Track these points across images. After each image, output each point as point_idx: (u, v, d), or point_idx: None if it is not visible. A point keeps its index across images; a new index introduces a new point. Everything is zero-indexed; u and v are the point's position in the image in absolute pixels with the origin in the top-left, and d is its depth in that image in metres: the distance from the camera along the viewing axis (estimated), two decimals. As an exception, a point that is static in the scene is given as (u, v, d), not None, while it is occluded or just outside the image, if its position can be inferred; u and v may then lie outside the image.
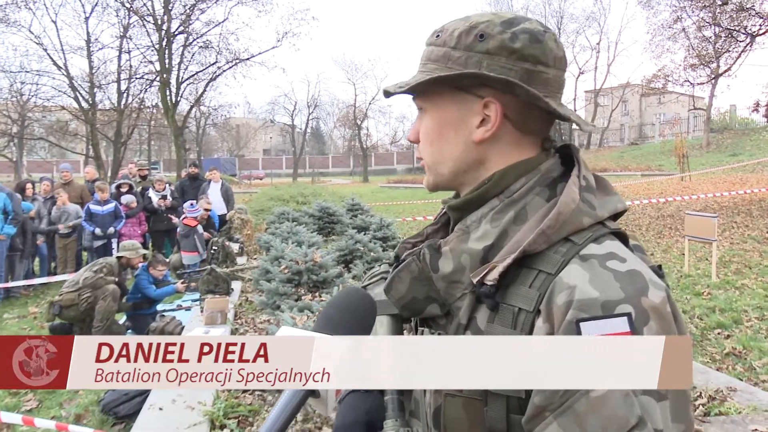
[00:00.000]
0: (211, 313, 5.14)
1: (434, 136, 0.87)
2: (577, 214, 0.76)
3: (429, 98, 0.86)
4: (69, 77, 24.22)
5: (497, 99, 0.81)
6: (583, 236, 0.76)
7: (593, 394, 0.64)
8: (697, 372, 4.02)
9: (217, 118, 34.24)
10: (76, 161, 36.33)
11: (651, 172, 25.22)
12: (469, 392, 0.76)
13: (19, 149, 33.42)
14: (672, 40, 24.63)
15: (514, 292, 0.75)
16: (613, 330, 0.66)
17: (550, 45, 0.82)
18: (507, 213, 0.81)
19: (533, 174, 0.83)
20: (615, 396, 0.64)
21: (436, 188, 0.92)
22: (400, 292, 0.85)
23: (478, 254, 0.79)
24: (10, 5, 22.46)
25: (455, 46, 0.82)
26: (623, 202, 0.84)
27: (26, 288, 8.63)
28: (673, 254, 8.96)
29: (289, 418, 0.70)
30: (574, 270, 0.72)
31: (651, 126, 44.58)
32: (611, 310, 0.67)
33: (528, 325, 0.73)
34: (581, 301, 0.68)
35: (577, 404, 0.65)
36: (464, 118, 0.84)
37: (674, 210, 13.14)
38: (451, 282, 0.81)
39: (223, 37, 25.32)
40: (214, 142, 58.68)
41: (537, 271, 0.74)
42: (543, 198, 0.81)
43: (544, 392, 0.67)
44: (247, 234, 9.86)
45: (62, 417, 4.24)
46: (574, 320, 0.67)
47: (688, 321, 5.63)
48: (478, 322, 0.78)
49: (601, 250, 0.74)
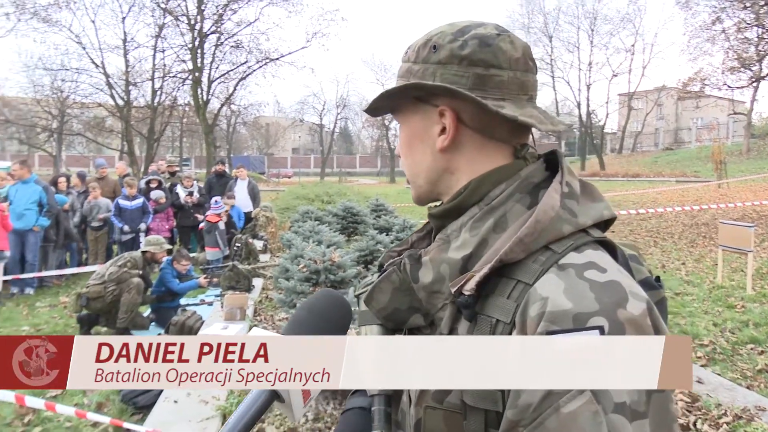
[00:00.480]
0: (231, 309, 5.18)
1: (406, 149, 0.90)
2: (557, 221, 0.74)
3: (397, 113, 0.90)
4: (106, 75, 24.88)
5: (450, 106, 0.82)
6: (564, 245, 0.73)
7: (563, 410, 0.62)
8: (723, 388, 3.87)
9: (247, 116, 34.70)
10: (112, 157, 37.20)
11: (686, 179, 24.63)
12: (448, 405, 0.75)
13: (58, 144, 34.43)
14: (711, 41, 23.98)
15: (492, 302, 0.73)
16: None
17: (503, 47, 0.81)
18: (486, 221, 0.79)
19: (512, 180, 0.81)
20: (584, 414, 0.61)
21: (420, 201, 0.93)
22: (381, 302, 0.84)
23: (457, 264, 0.78)
24: (52, 6, 23.20)
25: (414, 60, 0.85)
26: (610, 209, 0.81)
27: (58, 278, 8.87)
28: (706, 264, 8.69)
29: (251, 420, 0.70)
30: (549, 280, 0.69)
31: (687, 131, 43.56)
32: (583, 323, 0.64)
33: None
34: (553, 313, 0.66)
35: (548, 421, 0.63)
36: (426, 128, 0.85)
37: (709, 218, 12.79)
38: (431, 292, 0.80)
39: (253, 37, 25.67)
40: (244, 140, 59.47)
41: (515, 281, 0.72)
42: (524, 205, 0.79)
43: (516, 407, 0.66)
44: (272, 232, 9.94)
45: (84, 405, 4.32)
46: (544, 332, 0.65)
47: (719, 334, 5.44)
48: (459, 333, 0.76)
49: (581, 260, 0.71)
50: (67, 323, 6.59)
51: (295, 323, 0.82)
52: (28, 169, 8.22)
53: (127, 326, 5.89)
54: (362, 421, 0.94)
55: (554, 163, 0.85)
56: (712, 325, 5.70)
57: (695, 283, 7.49)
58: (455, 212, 0.83)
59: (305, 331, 0.79)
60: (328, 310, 0.83)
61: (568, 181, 0.79)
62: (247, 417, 0.70)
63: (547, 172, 0.84)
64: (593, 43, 39.64)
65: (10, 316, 7.00)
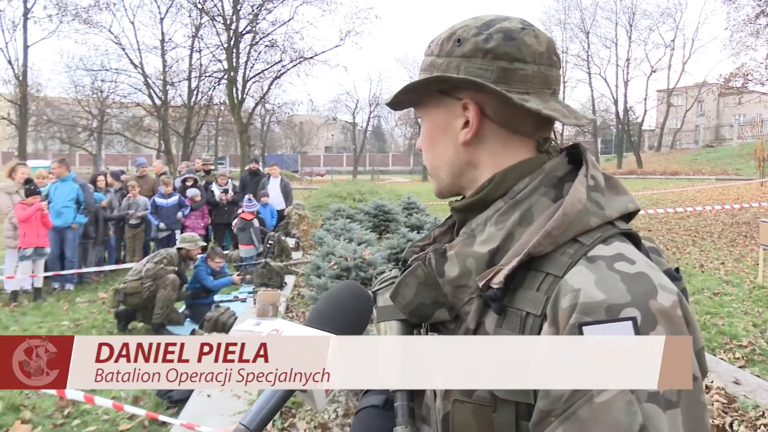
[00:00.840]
0: (263, 305, 5.26)
1: (428, 143, 0.89)
2: (584, 214, 0.74)
3: (420, 107, 0.89)
4: (144, 75, 25.55)
5: (474, 100, 0.82)
6: (591, 237, 0.74)
7: (597, 400, 0.63)
8: (762, 390, 3.77)
9: (281, 115, 35.06)
10: (149, 155, 38.12)
11: (727, 177, 23.90)
12: (477, 398, 0.75)
13: (98, 143, 35.46)
14: (754, 36, 23.12)
15: (521, 295, 0.73)
16: (617, 334, 0.64)
17: (528, 41, 0.81)
18: (512, 214, 0.79)
19: (537, 174, 0.81)
20: (618, 403, 0.62)
21: (441, 195, 0.93)
22: (406, 297, 0.84)
23: (484, 258, 0.78)
24: (92, 7, 23.92)
25: (438, 54, 0.85)
26: (635, 202, 0.81)
27: (97, 274, 9.13)
28: (747, 264, 8.44)
29: (274, 409, 0.71)
30: (580, 272, 0.70)
31: (729, 127, 42.16)
32: (616, 314, 0.65)
33: (536, 329, 0.71)
34: (585, 304, 0.66)
35: (580, 411, 0.64)
36: (449, 122, 0.85)
37: (750, 217, 12.40)
38: (457, 286, 0.79)
39: (288, 36, 25.92)
40: (278, 138, 60.12)
41: (544, 273, 0.72)
42: (549, 198, 0.79)
43: (548, 397, 0.66)
44: (304, 229, 10.04)
45: (121, 398, 4.45)
46: (577, 324, 0.65)
47: (759, 335, 5.29)
48: (487, 327, 0.76)
49: (610, 252, 0.71)
50: (105, 318, 6.79)
51: (315, 314, 0.82)
52: (66, 168, 8.41)
53: (162, 322, 6.03)
54: (376, 419, 0.93)
55: (576, 157, 0.85)
56: (752, 326, 5.55)
57: (735, 282, 7.29)
58: (479, 206, 0.83)
59: (324, 322, 0.79)
60: (348, 302, 0.84)
61: (592, 174, 0.79)
62: (269, 405, 0.71)
63: (569, 165, 0.84)
64: (631, 39, 38.78)
65: (51, 311, 7.24)
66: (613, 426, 0.62)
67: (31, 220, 7.36)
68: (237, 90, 24.94)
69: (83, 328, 6.46)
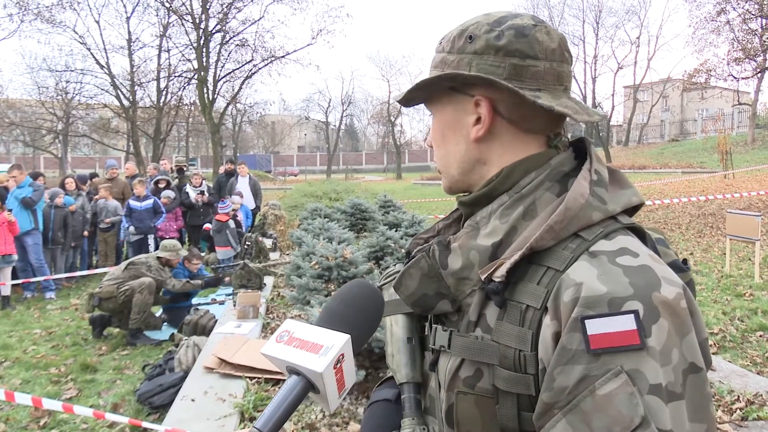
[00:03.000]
0: (244, 307, 5.22)
1: (439, 140, 0.89)
2: (586, 209, 0.75)
3: (430, 103, 0.90)
4: (111, 76, 24.99)
5: (486, 96, 0.82)
6: (593, 232, 0.74)
7: (599, 392, 0.64)
8: (735, 375, 3.90)
9: (252, 115, 34.72)
10: (118, 157, 37.34)
11: (692, 170, 24.49)
12: (480, 390, 0.77)
13: (63, 146, 34.55)
14: (715, 33, 23.82)
15: (521, 289, 0.74)
16: (618, 327, 0.65)
17: (539, 38, 0.81)
18: (516, 209, 0.80)
19: (543, 169, 0.82)
20: (620, 395, 0.63)
21: (451, 191, 0.93)
22: (409, 288, 0.85)
23: (487, 251, 0.79)
24: (56, 6, 23.27)
25: (449, 51, 0.85)
26: (639, 195, 0.82)
27: (68, 280, 8.93)
28: (714, 254, 8.69)
29: (288, 410, 0.70)
30: (582, 266, 0.70)
31: (693, 122, 43.23)
32: (618, 307, 0.65)
33: (535, 322, 0.72)
34: (587, 297, 0.67)
35: (583, 403, 0.64)
36: (460, 119, 0.85)
37: (716, 208, 12.75)
38: (460, 278, 0.80)
39: (258, 35, 25.69)
40: (250, 138, 59.49)
41: (545, 267, 0.73)
42: (553, 193, 0.80)
43: (551, 389, 0.67)
44: (281, 230, 9.98)
45: (100, 406, 4.38)
46: (579, 317, 0.66)
47: (729, 322, 5.46)
48: (488, 319, 0.78)
49: (612, 246, 0.72)
50: (79, 325, 6.66)
51: (327, 314, 0.81)
52: (24, 173, 8.29)
53: (139, 327, 5.94)
54: (387, 413, 0.94)
55: (582, 152, 0.86)
56: (722, 314, 5.73)
57: (704, 272, 7.50)
58: (485, 199, 0.84)
59: (338, 322, 0.78)
60: (360, 301, 0.83)
61: (596, 168, 0.79)
62: (283, 407, 0.70)
63: (576, 161, 0.84)
64: (598, 36, 39.60)
65: (21, 319, 7.07)
66: (615, 418, 0.62)
67: (-2, 229, 7.18)
68: (208, 90, 24.60)
69: (56, 335, 6.32)
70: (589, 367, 0.65)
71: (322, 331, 0.75)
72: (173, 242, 6.76)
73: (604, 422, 0.63)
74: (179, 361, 4.50)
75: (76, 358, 5.45)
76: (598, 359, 0.65)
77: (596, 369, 0.64)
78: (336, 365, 0.71)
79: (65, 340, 6.14)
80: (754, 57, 23.70)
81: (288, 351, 0.73)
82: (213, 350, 4.22)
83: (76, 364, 5.27)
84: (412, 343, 0.92)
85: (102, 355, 5.64)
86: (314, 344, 0.73)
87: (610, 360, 0.64)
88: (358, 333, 0.78)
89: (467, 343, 0.78)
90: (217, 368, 3.99)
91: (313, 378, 0.71)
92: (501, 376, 0.74)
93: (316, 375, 0.71)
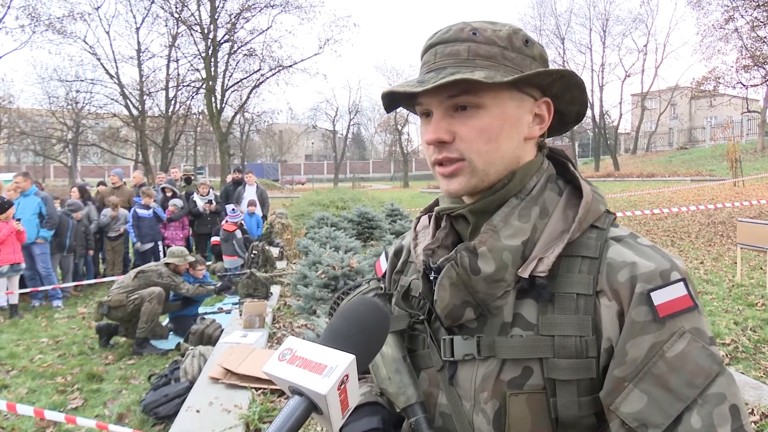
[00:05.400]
0: (250, 316, 5.20)
1: (495, 134, 0.83)
2: (597, 203, 0.85)
3: (487, 95, 0.81)
4: (120, 86, 25.21)
5: (545, 100, 0.88)
6: (603, 222, 0.84)
7: (669, 354, 0.72)
8: (748, 387, 3.83)
9: (260, 124, 34.89)
10: (127, 166, 37.61)
11: (701, 178, 24.33)
12: (530, 387, 0.78)
13: (73, 155, 34.82)
14: (724, 40, 23.70)
15: (565, 281, 0.79)
16: (676, 294, 0.75)
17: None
18: (533, 209, 0.84)
19: (540, 173, 0.88)
20: (693, 351, 0.72)
21: (470, 192, 0.86)
22: (444, 300, 0.84)
23: (519, 250, 0.81)
24: (66, 17, 23.54)
25: (508, 48, 0.83)
26: None
27: (75, 288, 8.95)
28: (724, 263, 8.59)
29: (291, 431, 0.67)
30: (618, 250, 0.79)
31: (701, 130, 43.04)
32: (668, 279, 0.76)
33: (591, 308, 0.77)
34: (644, 274, 0.76)
35: (655, 368, 0.72)
36: (521, 117, 0.86)
37: (726, 217, 12.64)
38: (493, 281, 0.81)
39: (266, 45, 25.88)
40: (258, 147, 59.73)
41: (579, 257, 0.80)
42: (555, 193, 0.87)
43: (623, 363, 0.74)
44: (287, 238, 9.96)
45: (105, 416, 4.35)
46: (645, 292, 0.75)
47: (741, 333, 5.37)
48: (527, 317, 0.80)
49: (623, 232, 0.83)
50: (85, 334, 6.65)
51: (332, 332, 0.77)
52: (30, 182, 8.24)
53: (146, 336, 5.93)
54: (378, 412, 0.90)
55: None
56: (734, 324, 5.64)
57: (714, 281, 7.41)
58: (497, 204, 0.85)
59: (342, 341, 0.74)
60: (365, 319, 0.78)
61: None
62: (285, 429, 0.66)
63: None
64: (605, 44, 39.45)
65: (28, 327, 7.07)
66: (694, 372, 0.71)
67: (6, 238, 7.20)
68: (216, 99, 24.77)
69: (63, 344, 6.32)
70: (658, 335, 0.73)
71: (326, 350, 0.71)
72: (181, 248, 6.76)
73: (683, 378, 0.71)
74: (185, 371, 4.48)
75: (83, 368, 5.44)
76: (663, 326, 0.73)
77: (662, 335, 0.73)
78: (340, 386, 0.69)
79: (72, 349, 6.13)
80: (762, 64, 23.55)
81: (291, 371, 0.70)
82: (219, 360, 4.20)
83: (83, 374, 5.25)
84: (407, 361, 0.90)
85: (108, 365, 5.63)
86: (318, 364, 0.70)
87: (673, 324, 0.73)
88: (363, 352, 0.75)
89: (511, 344, 0.79)
90: (223, 378, 3.96)
91: (316, 399, 0.68)
92: (560, 367, 0.77)
93: (319, 397, 0.68)
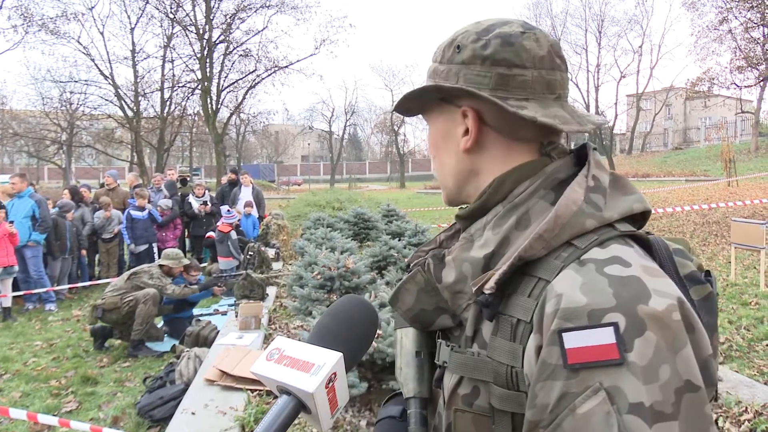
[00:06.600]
0: (245, 318, 5.19)
1: (434, 150, 0.89)
2: (579, 216, 0.71)
3: (425, 113, 0.90)
4: (115, 86, 25.09)
5: (472, 107, 0.81)
6: (587, 240, 0.70)
7: (578, 411, 0.60)
8: (742, 385, 3.84)
9: (256, 125, 34.86)
10: (122, 168, 37.51)
11: (696, 178, 24.43)
12: (477, 408, 0.74)
13: (67, 156, 34.70)
14: (718, 41, 23.90)
15: (514, 302, 0.71)
16: (596, 341, 0.60)
17: (527, 45, 0.79)
18: (509, 218, 0.77)
19: (536, 177, 0.79)
20: (597, 415, 0.59)
21: (450, 203, 0.92)
22: (406, 303, 0.84)
23: (479, 263, 0.76)
24: (60, 18, 23.43)
25: (440, 61, 0.84)
26: (643, 202, 0.78)
27: (70, 291, 8.91)
28: (719, 262, 8.64)
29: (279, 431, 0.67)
30: (567, 276, 0.66)
31: (696, 130, 43.26)
32: (598, 320, 0.61)
33: (526, 336, 0.68)
34: (567, 309, 0.63)
35: (565, 422, 0.61)
36: (450, 130, 0.84)
37: (720, 216, 12.68)
38: (455, 292, 0.79)
39: (262, 46, 25.99)
40: (254, 148, 59.65)
41: (536, 278, 0.70)
42: (548, 201, 0.76)
43: (534, 407, 0.64)
44: (283, 239, 9.95)
45: (100, 419, 4.34)
46: (557, 330, 0.63)
47: (735, 331, 5.40)
48: (484, 335, 0.75)
49: (604, 255, 0.67)
50: (80, 336, 6.63)
51: (319, 330, 0.78)
52: (26, 183, 8.19)
53: (141, 338, 5.91)
54: (393, 430, 0.93)
55: (585, 158, 0.81)
56: (728, 323, 5.67)
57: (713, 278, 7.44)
58: (480, 212, 0.82)
59: (331, 339, 0.75)
60: (353, 317, 0.80)
61: (595, 174, 0.76)
62: (273, 429, 0.67)
63: (576, 167, 0.80)
64: (601, 45, 39.68)
65: (22, 331, 7.04)
66: None
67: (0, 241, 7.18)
68: (211, 100, 24.73)
69: (57, 347, 6.29)
70: (569, 384, 0.61)
71: (314, 348, 0.72)
72: (176, 251, 6.74)
73: None
74: (180, 373, 4.47)
75: (77, 371, 5.41)
76: (577, 375, 0.61)
77: (575, 386, 0.61)
78: (328, 384, 0.69)
79: (66, 352, 6.11)
80: (756, 65, 23.73)
81: (278, 370, 0.71)
82: (214, 362, 4.19)
83: (77, 377, 5.23)
84: (421, 357, 0.90)
85: (103, 367, 5.61)
86: (305, 363, 0.70)
87: (589, 376, 0.60)
88: (351, 350, 0.76)
89: (464, 360, 0.76)
90: (218, 380, 3.95)
91: (304, 398, 0.69)
92: (495, 394, 0.71)
93: (307, 395, 0.68)
